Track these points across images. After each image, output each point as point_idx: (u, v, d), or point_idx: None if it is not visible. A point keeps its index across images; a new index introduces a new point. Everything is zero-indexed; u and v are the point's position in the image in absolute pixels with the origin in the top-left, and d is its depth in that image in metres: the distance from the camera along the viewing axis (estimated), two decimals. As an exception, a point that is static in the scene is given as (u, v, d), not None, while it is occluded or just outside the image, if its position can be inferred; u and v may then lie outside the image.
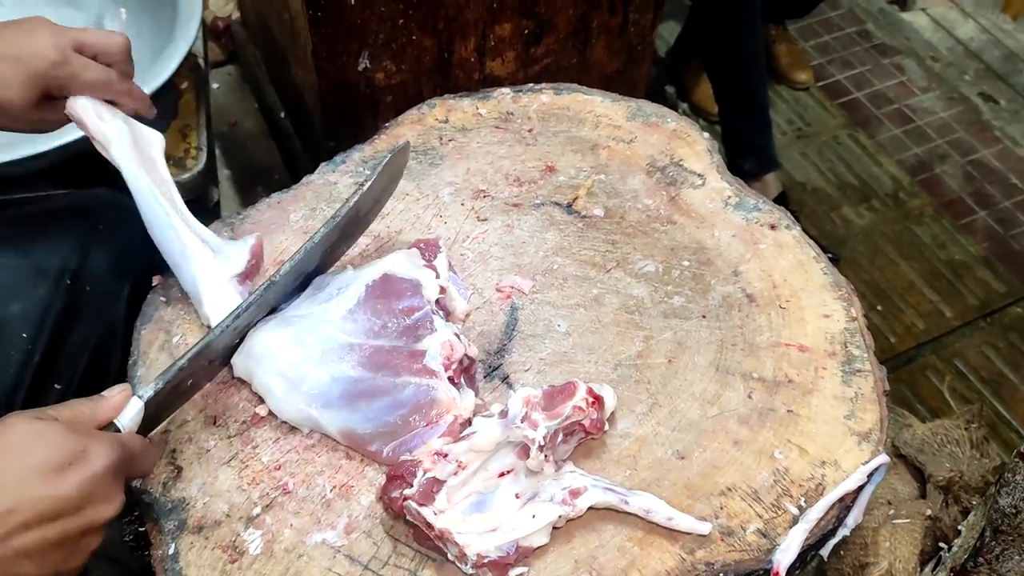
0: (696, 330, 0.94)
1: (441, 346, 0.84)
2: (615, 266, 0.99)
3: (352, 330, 0.86)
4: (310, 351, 0.85)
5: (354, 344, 0.85)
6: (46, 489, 0.63)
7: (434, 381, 0.83)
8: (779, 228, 1.02)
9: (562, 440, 0.81)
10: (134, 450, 0.71)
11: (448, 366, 0.84)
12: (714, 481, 0.83)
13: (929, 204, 2.29)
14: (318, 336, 0.85)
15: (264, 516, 0.80)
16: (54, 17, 1.36)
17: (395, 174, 0.97)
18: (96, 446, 0.66)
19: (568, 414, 0.79)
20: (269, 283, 0.86)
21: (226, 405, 0.87)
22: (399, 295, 0.88)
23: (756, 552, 0.79)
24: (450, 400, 0.83)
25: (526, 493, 0.79)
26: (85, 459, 0.65)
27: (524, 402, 0.79)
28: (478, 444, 0.79)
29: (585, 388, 0.81)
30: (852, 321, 0.94)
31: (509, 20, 1.52)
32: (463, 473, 0.78)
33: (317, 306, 0.88)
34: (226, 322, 0.82)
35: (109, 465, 0.66)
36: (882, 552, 1.05)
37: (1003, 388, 1.94)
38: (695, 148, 1.10)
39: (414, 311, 0.87)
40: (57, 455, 0.64)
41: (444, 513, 0.76)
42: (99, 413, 0.72)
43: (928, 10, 2.82)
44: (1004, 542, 0.91)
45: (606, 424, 0.83)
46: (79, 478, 0.64)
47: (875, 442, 0.85)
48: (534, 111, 1.14)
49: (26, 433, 0.65)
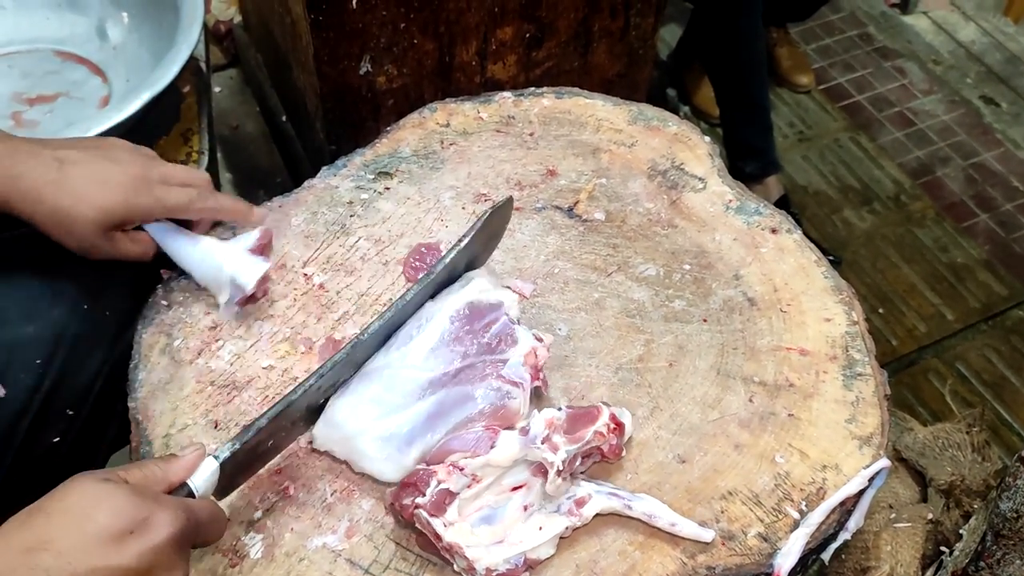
0: (697, 334, 0.94)
1: (525, 357, 0.83)
2: (616, 270, 0.99)
3: (434, 365, 0.82)
4: (394, 401, 0.81)
5: (435, 377, 0.82)
6: (106, 558, 0.60)
7: (515, 391, 0.81)
8: (780, 232, 1.02)
9: (579, 463, 0.81)
10: (202, 517, 0.67)
11: (535, 376, 0.82)
12: (715, 485, 0.83)
13: (931, 207, 2.29)
14: (399, 382, 0.82)
15: (265, 520, 0.80)
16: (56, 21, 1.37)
17: (496, 229, 0.92)
18: (162, 514, 0.63)
19: (589, 439, 0.79)
20: (356, 341, 0.81)
21: (228, 409, 0.87)
22: (482, 316, 0.85)
23: (757, 556, 0.79)
24: (516, 414, 0.80)
25: (534, 505, 0.79)
26: (148, 527, 0.62)
27: (547, 424, 0.78)
28: (496, 460, 0.78)
29: (608, 414, 0.81)
30: (853, 325, 0.94)
31: (510, 24, 1.52)
32: (476, 487, 0.78)
33: (394, 352, 0.84)
34: (309, 381, 0.78)
35: (174, 534, 0.63)
36: (883, 556, 1.05)
37: (1005, 391, 1.94)
38: (696, 152, 1.10)
39: (492, 325, 0.84)
40: (120, 522, 0.61)
41: (454, 526, 0.76)
42: (170, 474, 0.68)
43: (929, 13, 2.82)
44: (1005, 546, 0.91)
45: (624, 450, 0.83)
46: (140, 548, 0.61)
47: (876, 446, 0.85)
48: (535, 115, 1.15)
49: (91, 495, 0.62)
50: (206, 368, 0.90)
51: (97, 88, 1.31)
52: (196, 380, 0.89)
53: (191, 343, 0.91)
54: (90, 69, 1.34)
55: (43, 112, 1.28)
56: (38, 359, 0.90)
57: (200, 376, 0.89)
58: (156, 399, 0.88)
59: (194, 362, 0.90)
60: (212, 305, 0.94)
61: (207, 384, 0.89)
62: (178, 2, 1.23)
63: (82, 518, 0.61)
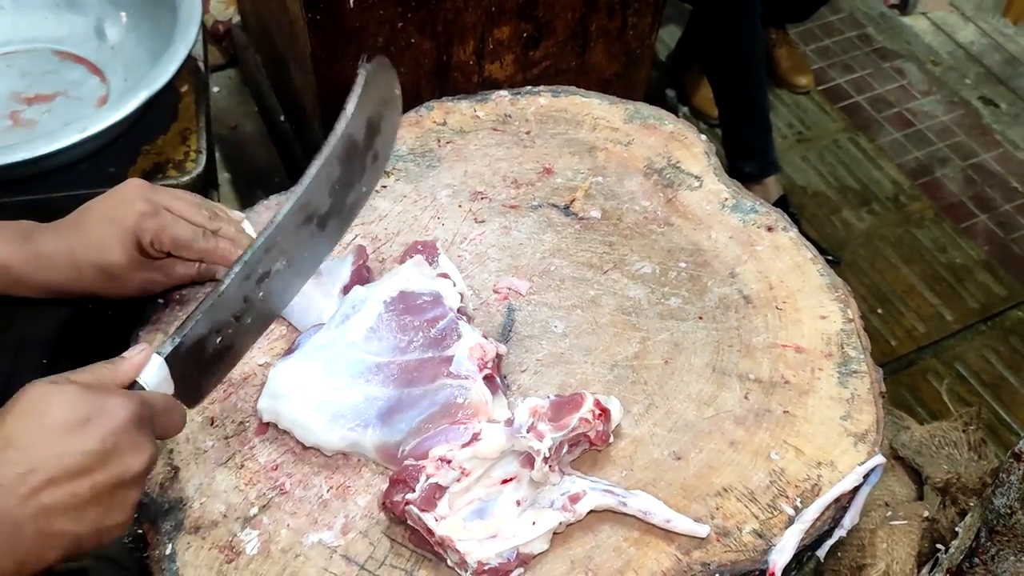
0: (693, 331, 0.94)
1: (470, 350, 0.84)
2: (612, 267, 0.99)
3: (378, 349, 0.85)
4: (338, 378, 0.83)
5: (381, 363, 0.84)
6: (66, 445, 0.63)
7: (467, 383, 0.82)
8: (776, 230, 1.02)
9: (567, 451, 0.81)
10: (156, 405, 0.70)
11: (483, 367, 0.83)
12: (710, 482, 0.83)
13: (929, 208, 2.29)
14: (343, 361, 0.84)
15: (261, 516, 0.80)
16: (55, 21, 1.37)
17: (386, 95, 0.89)
18: (114, 400, 0.66)
19: (574, 426, 0.79)
20: (272, 223, 0.81)
21: (224, 406, 0.87)
22: (420, 309, 0.87)
23: (752, 552, 0.79)
24: (482, 403, 0.82)
25: (527, 500, 0.79)
26: (103, 413, 0.64)
27: (531, 412, 0.79)
28: (483, 451, 0.79)
29: (592, 400, 0.81)
30: (849, 322, 0.94)
31: (508, 23, 1.52)
32: (466, 480, 0.78)
33: (334, 330, 0.86)
34: (234, 269, 0.78)
35: (130, 417, 0.66)
36: (879, 553, 1.05)
37: (1003, 391, 1.94)
38: (692, 150, 1.10)
39: (438, 320, 0.86)
40: (75, 413, 0.64)
41: (445, 520, 0.76)
42: (119, 374, 0.71)
43: (928, 14, 2.82)
44: (999, 543, 0.91)
45: (611, 436, 0.83)
46: (100, 432, 0.64)
47: (871, 443, 0.85)
48: (532, 113, 1.15)
49: (41, 395, 0.65)
50: (202, 365, 0.90)
51: (95, 87, 1.32)
52: (192, 377, 0.89)
53: (187, 340, 0.91)
54: (88, 68, 1.34)
55: (41, 111, 1.28)
56: (44, 359, 0.91)
57: (196, 373, 0.89)
58: (152, 396, 0.88)
59: (190, 359, 0.90)
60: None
61: (203, 381, 0.89)
62: (176, 2, 1.23)
63: (39, 415, 0.64)
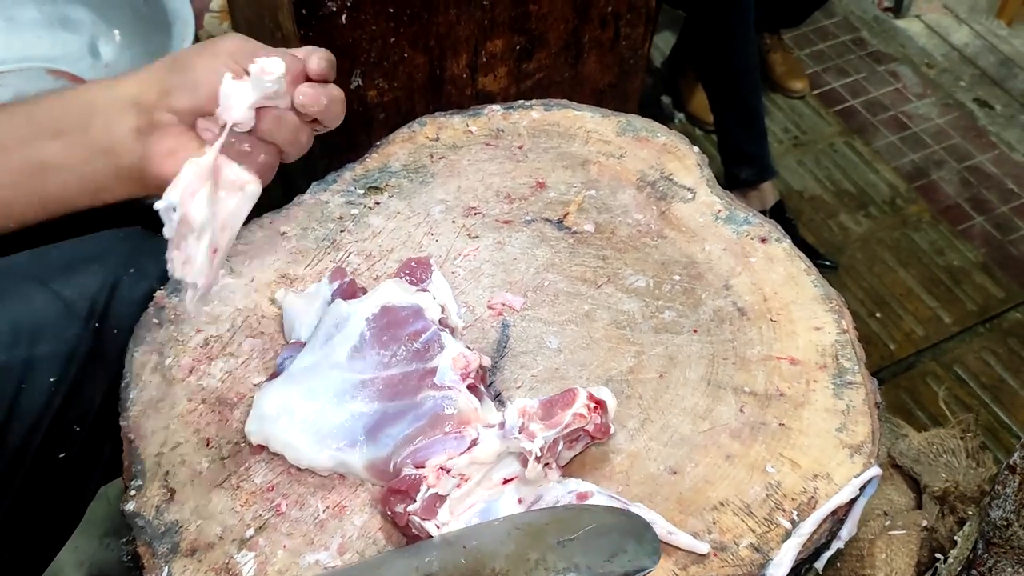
0: (687, 344, 0.94)
1: (453, 361, 0.84)
2: (606, 281, 0.99)
3: (362, 367, 0.85)
4: (323, 399, 0.83)
5: (366, 380, 0.84)
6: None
7: (452, 393, 0.82)
8: (769, 241, 1.03)
9: (565, 447, 0.81)
10: None
11: (466, 377, 0.84)
12: (706, 496, 0.83)
13: (926, 210, 2.30)
14: (328, 381, 0.84)
15: (257, 538, 0.80)
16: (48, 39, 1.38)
17: None
18: None
19: (568, 422, 0.79)
20: None
21: (219, 427, 0.87)
22: (402, 323, 0.87)
23: (749, 567, 0.78)
24: (472, 410, 0.82)
25: (528, 498, 0.79)
26: None
27: (520, 413, 0.79)
28: (480, 457, 0.79)
29: (585, 394, 0.81)
30: (843, 333, 0.94)
31: (501, 36, 1.52)
32: (466, 485, 0.79)
33: (319, 351, 0.87)
34: None
35: None
36: (878, 564, 1.04)
37: (1003, 394, 1.94)
38: (685, 162, 1.11)
39: (421, 334, 0.86)
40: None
41: (447, 526, 0.76)
42: None
43: (922, 16, 2.82)
44: (996, 554, 0.91)
45: (611, 427, 0.83)
46: None
47: (867, 454, 0.85)
48: (524, 127, 1.15)
49: None
50: (198, 386, 0.90)
51: (89, 107, 1.32)
52: (188, 398, 0.89)
53: (183, 361, 0.92)
54: (82, 88, 1.34)
55: (36, 131, 1.28)
56: (52, 377, 0.91)
57: (192, 394, 0.89)
58: (148, 417, 0.88)
59: (186, 380, 0.90)
60: (203, 323, 0.94)
61: (199, 402, 0.89)
62: (170, 20, 1.24)
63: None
